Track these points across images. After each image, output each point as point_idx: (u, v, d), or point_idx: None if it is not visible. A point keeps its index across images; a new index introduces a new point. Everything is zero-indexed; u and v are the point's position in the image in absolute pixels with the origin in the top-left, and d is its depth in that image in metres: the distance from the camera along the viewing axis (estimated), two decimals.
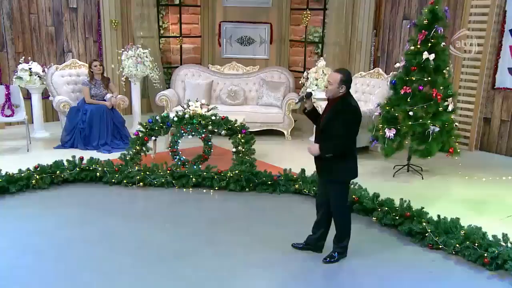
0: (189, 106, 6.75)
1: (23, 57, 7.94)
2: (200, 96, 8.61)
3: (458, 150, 6.16)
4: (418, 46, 5.90)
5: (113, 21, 9.51)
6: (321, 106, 7.69)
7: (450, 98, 6.00)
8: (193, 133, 6.55)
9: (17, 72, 7.77)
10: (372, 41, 9.13)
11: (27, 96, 8.13)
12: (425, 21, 5.82)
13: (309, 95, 4.30)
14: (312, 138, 8.36)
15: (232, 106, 8.44)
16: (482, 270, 4.23)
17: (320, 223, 4.42)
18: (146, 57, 8.35)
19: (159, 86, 8.89)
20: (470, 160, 7.05)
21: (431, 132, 5.81)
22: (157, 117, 6.71)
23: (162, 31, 10.55)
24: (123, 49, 8.49)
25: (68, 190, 6.09)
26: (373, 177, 6.34)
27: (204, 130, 6.54)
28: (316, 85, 8.03)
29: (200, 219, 5.31)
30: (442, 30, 5.87)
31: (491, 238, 4.37)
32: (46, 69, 8.03)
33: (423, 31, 5.84)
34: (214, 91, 8.84)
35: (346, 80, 4.09)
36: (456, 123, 6.25)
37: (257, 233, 4.94)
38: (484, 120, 7.76)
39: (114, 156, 7.08)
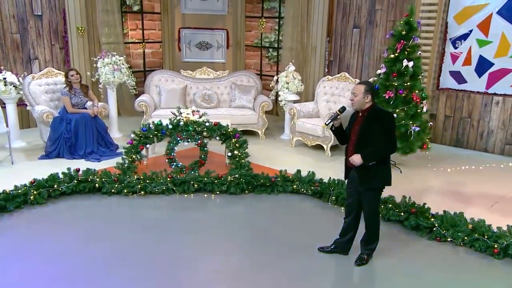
0: (181, 113, 6.09)
1: None
2: (175, 100, 7.95)
3: (429, 146, 6.12)
4: (397, 54, 5.72)
5: (80, 28, 8.44)
6: (295, 108, 7.37)
7: (425, 101, 5.92)
8: (189, 140, 5.93)
9: None
10: (325, 46, 8.91)
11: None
12: (404, 32, 5.64)
13: (343, 109, 3.92)
14: (284, 137, 8.08)
15: (207, 109, 7.80)
16: (492, 259, 4.14)
17: (350, 227, 4.09)
18: (122, 64, 7.49)
19: (135, 92, 8.03)
20: (425, 152, 7.05)
21: (412, 131, 5.69)
22: (151, 125, 6.00)
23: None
24: (98, 57, 7.54)
25: (67, 203, 5.25)
26: None
27: (199, 137, 5.94)
28: (286, 88, 7.66)
29: (218, 226, 4.76)
30: (418, 39, 5.74)
31: (495, 230, 4.30)
32: (20, 78, 6.91)
33: (402, 40, 5.66)
34: (188, 95, 8.17)
35: (370, 89, 3.79)
36: (431, 123, 6.18)
37: (279, 239, 4.48)
38: (431, 116, 7.84)
39: (104, 164, 6.29)
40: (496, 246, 4.12)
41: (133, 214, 5.10)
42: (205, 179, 5.61)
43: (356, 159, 3.73)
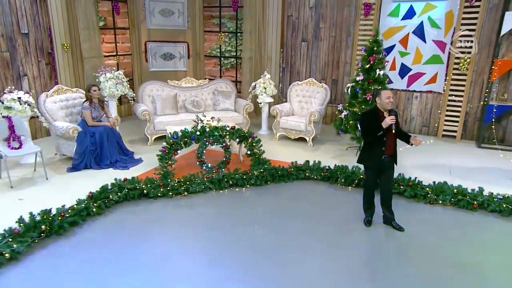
0: (202, 120, 5.89)
1: (8, 87, 5.74)
2: (169, 107, 7.55)
3: None
4: (371, 64, 6.18)
5: (65, 44, 7.47)
6: (278, 108, 7.52)
7: None
8: (215, 143, 5.78)
9: (3, 102, 5.60)
10: (280, 56, 9.15)
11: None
12: (375, 48, 6.13)
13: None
14: (262, 132, 8.17)
15: (197, 113, 7.51)
16: (471, 212, 4.81)
17: (373, 201, 4.53)
18: (123, 78, 6.87)
19: (132, 103, 7.40)
20: None
21: None
22: (179, 133, 5.70)
23: None
24: (100, 72, 6.80)
25: (121, 211, 4.80)
26: (345, 157, 6.54)
27: (223, 140, 5.82)
28: (264, 92, 7.78)
29: (276, 214, 4.72)
30: (385, 53, 6.29)
31: (469, 191, 5.07)
32: (30, 97, 5.95)
33: (374, 54, 6.15)
34: (178, 102, 7.79)
35: None
36: None
37: (327, 218, 4.61)
38: None
39: (133, 171, 5.83)
40: (475, 202, 4.87)
41: (193, 213, 4.78)
42: (236, 176, 5.57)
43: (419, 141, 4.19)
